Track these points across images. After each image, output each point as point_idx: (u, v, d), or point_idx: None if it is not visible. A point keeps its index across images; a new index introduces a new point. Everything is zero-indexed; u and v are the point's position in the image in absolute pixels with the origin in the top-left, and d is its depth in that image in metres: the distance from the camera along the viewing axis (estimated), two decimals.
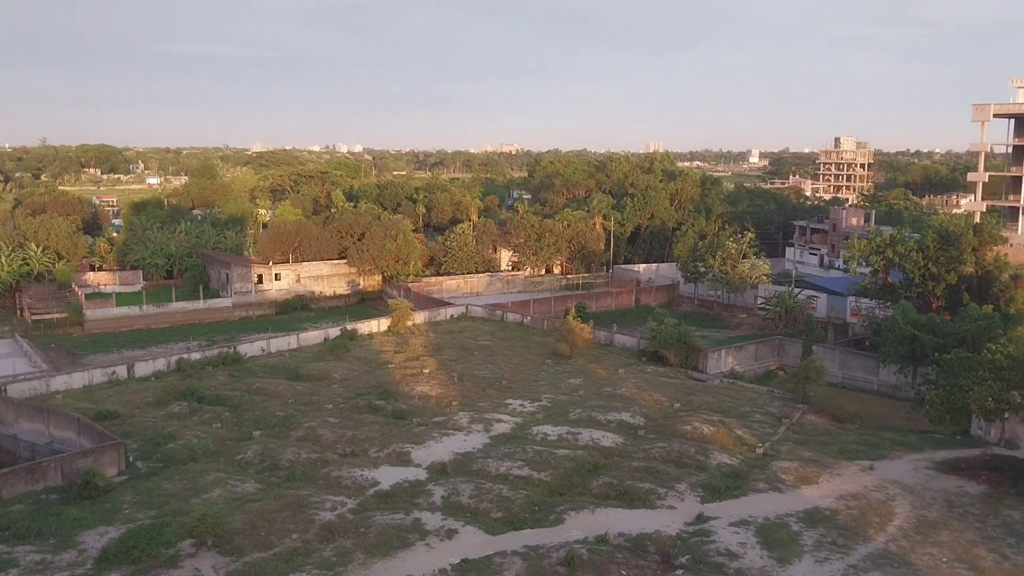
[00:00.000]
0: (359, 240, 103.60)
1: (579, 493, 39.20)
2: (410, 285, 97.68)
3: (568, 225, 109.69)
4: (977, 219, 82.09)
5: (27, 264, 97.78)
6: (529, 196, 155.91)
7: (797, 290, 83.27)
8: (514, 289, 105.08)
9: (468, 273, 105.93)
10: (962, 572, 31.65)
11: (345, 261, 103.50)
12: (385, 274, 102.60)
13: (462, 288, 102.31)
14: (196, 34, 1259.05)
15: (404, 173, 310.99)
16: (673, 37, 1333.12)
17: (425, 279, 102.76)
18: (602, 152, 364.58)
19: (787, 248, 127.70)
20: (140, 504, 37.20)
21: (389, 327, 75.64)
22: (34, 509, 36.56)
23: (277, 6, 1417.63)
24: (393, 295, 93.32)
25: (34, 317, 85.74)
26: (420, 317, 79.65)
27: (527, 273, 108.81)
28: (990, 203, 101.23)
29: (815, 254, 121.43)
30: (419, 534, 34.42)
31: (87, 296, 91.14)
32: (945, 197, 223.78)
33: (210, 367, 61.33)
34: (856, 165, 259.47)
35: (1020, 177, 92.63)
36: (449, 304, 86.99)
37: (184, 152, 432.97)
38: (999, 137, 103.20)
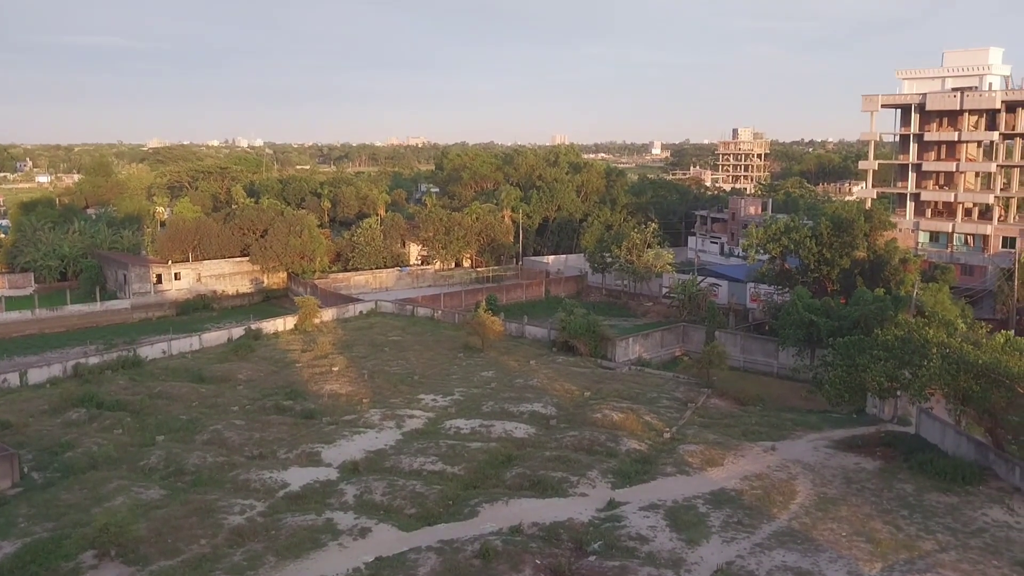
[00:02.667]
0: (262, 237, 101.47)
1: (493, 485, 39.34)
2: (316, 282, 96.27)
3: (477, 218, 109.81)
4: (868, 206, 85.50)
5: None
6: (437, 190, 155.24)
7: (700, 278, 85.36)
8: (424, 284, 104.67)
9: (376, 268, 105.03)
10: (860, 544, 33.01)
11: (248, 259, 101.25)
12: (290, 271, 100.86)
13: (371, 284, 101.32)
14: (84, 26, 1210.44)
15: (308, 167, 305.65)
16: (578, 30, 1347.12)
17: (332, 275, 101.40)
18: (509, 145, 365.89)
19: (689, 237, 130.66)
20: (37, 516, 35.64)
21: (296, 325, 74.37)
22: None
23: None
24: (299, 292, 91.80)
25: None
26: (328, 314, 78.54)
27: (437, 267, 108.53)
28: (880, 190, 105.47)
29: (716, 242, 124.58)
30: (332, 534, 33.98)
31: None
32: (838, 185, 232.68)
33: (109, 371, 59.20)
34: (753, 155, 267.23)
35: (907, 165, 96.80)
36: (358, 300, 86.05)
37: (76, 149, 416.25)
38: (887, 127, 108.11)
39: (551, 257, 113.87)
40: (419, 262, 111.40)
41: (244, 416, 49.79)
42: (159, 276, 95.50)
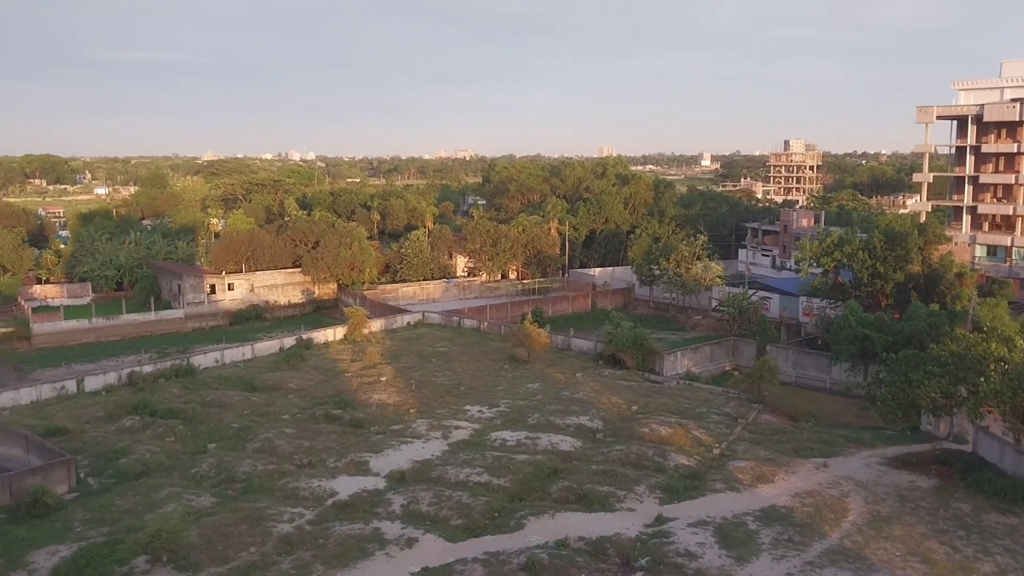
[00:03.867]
0: (313, 248, 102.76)
1: (539, 498, 39.22)
2: (366, 293, 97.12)
3: (523, 230, 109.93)
4: (923, 219, 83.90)
5: None
6: (484, 202, 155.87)
7: (751, 291, 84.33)
8: (470, 295, 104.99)
9: (424, 280, 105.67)
10: (915, 565, 32.26)
11: (299, 270, 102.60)
12: (340, 282, 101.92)
13: (418, 295, 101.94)
14: (143, 42, 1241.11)
15: (358, 180, 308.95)
16: (625, 43, 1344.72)
17: (381, 286, 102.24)
18: (556, 157, 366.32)
19: (740, 250, 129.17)
20: (92, 521, 36.40)
21: (345, 335, 75.07)
22: None
23: (225, 13, 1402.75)
24: (349, 303, 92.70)
25: None
26: (376, 325, 79.18)
27: (483, 279, 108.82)
28: (935, 203, 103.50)
29: (767, 255, 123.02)
30: (379, 543, 34.16)
31: (34, 310, 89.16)
32: (892, 198, 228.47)
33: (163, 380, 60.30)
34: (805, 167, 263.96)
35: (963, 177, 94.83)
36: (405, 311, 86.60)
37: (133, 161, 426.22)
38: (943, 138, 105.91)
39: (598, 269, 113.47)
40: (466, 274, 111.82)
41: (294, 424, 50.36)
42: (213, 286, 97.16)
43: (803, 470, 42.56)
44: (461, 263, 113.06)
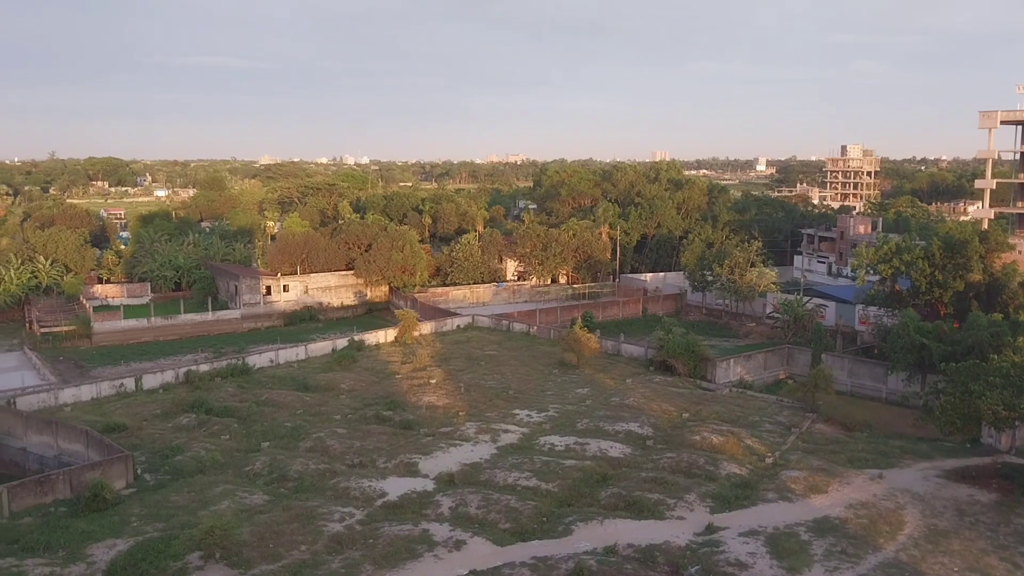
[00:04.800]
0: (366, 251, 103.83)
1: (587, 504, 39.09)
2: (416, 295, 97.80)
3: (574, 234, 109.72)
4: (984, 226, 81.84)
5: (36, 277, 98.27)
6: (535, 206, 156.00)
7: (806, 298, 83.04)
8: (520, 299, 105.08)
9: (474, 283, 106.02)
10: None
11: (352, 272, 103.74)
12: (392, 285, 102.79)
13: (468, 298, 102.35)
14: (203, 47, 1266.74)
15: (410, 184, 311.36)
16: (680, 47, 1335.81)
17: (431, 289, 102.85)
18: (608, 161, 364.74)
19: (795, 256, 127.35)
20: (148, 517, 37.23)
21: (396, 337, 75.68)
22: (43, 522, 36.60)
23: (282, 18, 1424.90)
24: (400, 305, 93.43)
25: (43, 330, 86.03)
26: (427, 327, 79.67)
27: (533, 283, 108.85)
28: (998, 210, 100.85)
29: (823, 262, 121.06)
30: (427, 545, 34.36)
31: (95, 308, 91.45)
32: (952, 204, 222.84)
33: (218, 379, 61.41)
34: (863, 173, 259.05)
35: None
36: (455, 314, 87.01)
37: (192, 164, 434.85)
38: (1007, 144, 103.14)
39: (649, 275, 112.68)
40: (516, 278, 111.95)
41: (346, 425, 50.91)
42: (268, 288, 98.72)
43: (857, 481, 41.78)
44: (511, 267, 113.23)
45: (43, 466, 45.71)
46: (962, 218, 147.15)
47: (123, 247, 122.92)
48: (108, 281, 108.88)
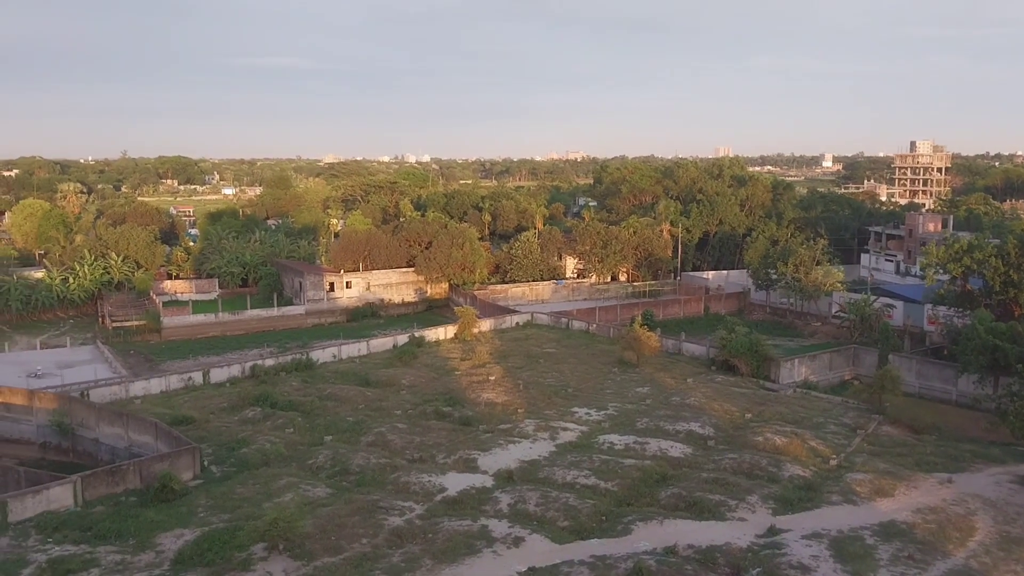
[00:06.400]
0: (427, 249, 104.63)
1: (647, 504, 38.83)
2: (476, 293, 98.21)
3: (634, 232, 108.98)
4: None
5: (108, 273, 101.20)
6: (595, 203, 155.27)
7: (873, 298, 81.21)
8: (579, 297, 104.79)
9: (533, 281, 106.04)
10: None
11: (413, 269, 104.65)
12: (452, 282, 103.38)
13: (527, 296, 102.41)
14: (270, 48, 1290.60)
15: (470, 182, 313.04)
16: (747, 41, 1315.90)
17: (491, 287, 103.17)
18: (669, 158, 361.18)
19: (862, 255, 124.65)
20: (214, 508, 38.06)
21: (456, 334, 76.11)
22: (114, 511, 37.68)
23: (347, 20, 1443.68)
24: (459, 303, 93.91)
25: (114, 324, 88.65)
26: (486, 324, 79.97)
27: (593, 281, 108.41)
28: None
29: (891, 261, 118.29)
30: (486, 541, 34.50)
31: (164, 304, 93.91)
32: None
33: (283, 373, 62.50)
34: (933, 169, 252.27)
35: None
36: (514, 312, 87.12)
37: (258, 163, 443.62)
38: None
39: (711, 273, 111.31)
40: (575, 275, 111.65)
41: (406, 420, 51.40)
42: (332, 284, 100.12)
43: (926, 485, 40.74)
44: (571, 264, 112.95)
45: (114, 457, 47.09)
46: None
47: (192, 244, 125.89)
48: (177, 277, 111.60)
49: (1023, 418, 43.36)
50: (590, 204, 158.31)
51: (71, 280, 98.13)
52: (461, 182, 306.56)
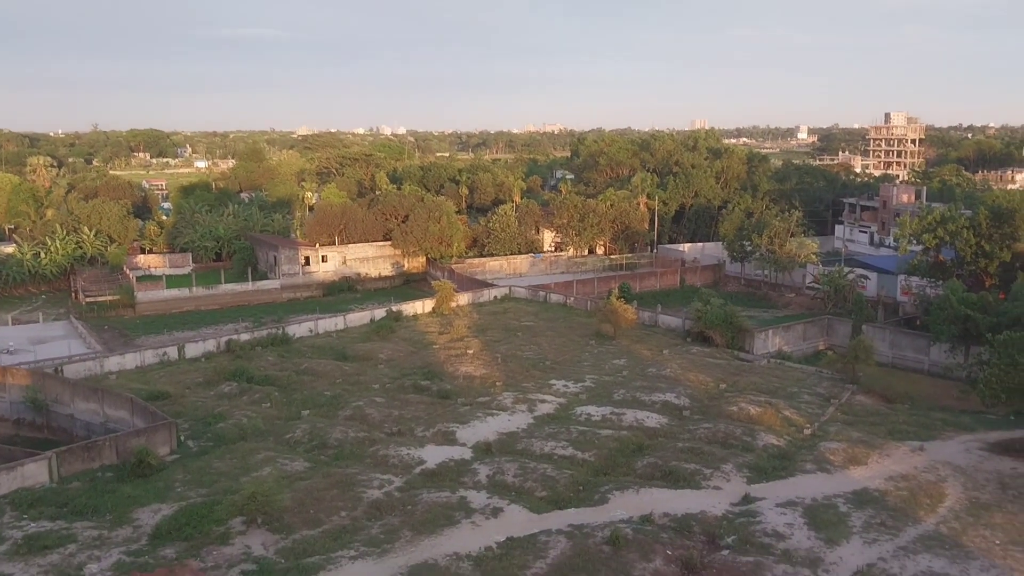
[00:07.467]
0: (403, 222, 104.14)
1: (623, 473, 39.18)
2: (453, 267, 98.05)
3: (611, 205, 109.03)
4: None
5: (80, 247, 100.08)
6: (572, 176, 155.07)
7: (847, 269, 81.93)
8: (557, 270, 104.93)
9: (511, 254, 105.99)
10: (1016, 555, 31.08)
11: (390, 243, 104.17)
12: (429, 256, 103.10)
13: (505, 269, 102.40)
14: (242, 18, 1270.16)
15: (447, 155, 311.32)
16: (724, 12, 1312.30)
17: (468, 260, 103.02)
18: (646, 130, 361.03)
19: (836, 226, 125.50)
20: (192, 482, 37.98)
21: (433, 308, 76.04)
22: (90, 486, 37.53)
23: None
24: (437, 277, 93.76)
25: (88, 299, 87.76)
26: (464, 298, 79.94)
27: (570, 254, 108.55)
28: None
29: (865, 232, 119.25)
30: (465, 512, 34.71)
31: (138, 279, 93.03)
32: (1000, 173, 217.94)
33: (259, 348, 62.24)
34: (907, 141, 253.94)
35: None
36: (492, 285, 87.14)
37: (231, 136, 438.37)
38: None
39: (687, 245, 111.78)
40: (553, 249, 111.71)
41: (384, 394, 51.41)
42: (307, 258, 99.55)
43: (898, 453, 41.38)
44: (548, 238, 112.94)
45: (90, 432, 46.77)
46: (1010, 187, 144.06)
47: (165, 218, 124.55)
48: (150, 252, 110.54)
49: (992, 386, 44.00)
50: (567, 177, 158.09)
51: (42, 255, 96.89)
52: (437, 155, 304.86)
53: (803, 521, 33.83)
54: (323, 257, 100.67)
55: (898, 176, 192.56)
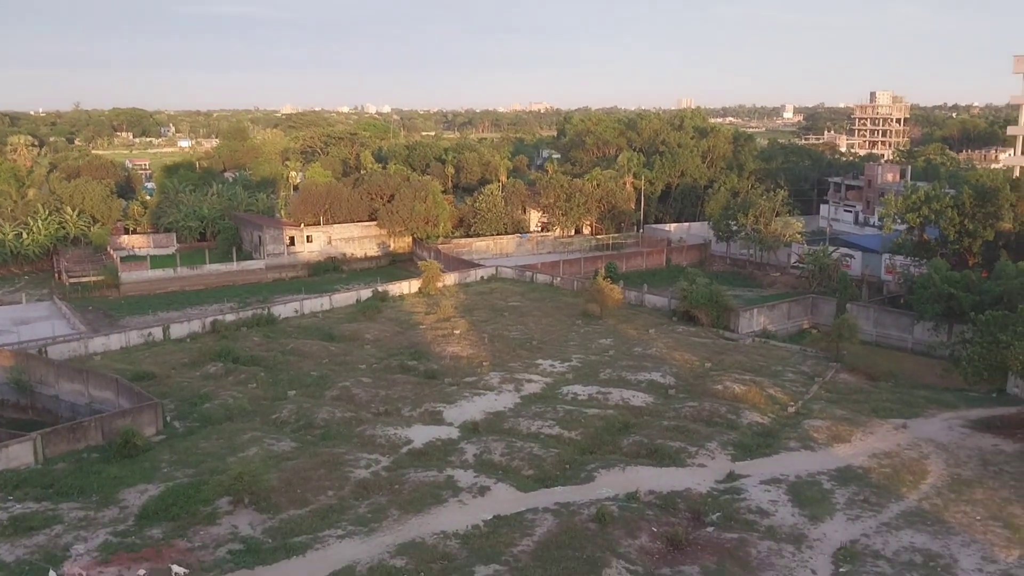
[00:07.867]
0: (389, 202, 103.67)
1: (609, 452, 39.41)
2: (440, 247, 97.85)
3: (598, 185, 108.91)
4: (1016, 174, 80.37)
5: (63, 228, 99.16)
6: (559, 156, 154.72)
7: (832, 248, 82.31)
8: (544, 250, 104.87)
9: (497, 234, 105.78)
10: (996, 530, 31.49)
11: (375, 223, 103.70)
12: (415, 236, 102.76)
13: (491, 249, 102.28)
14: None
15: (433, 134, 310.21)
16: None
17: (455, 240, 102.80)
18: (633, 109, 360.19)
19: (821, 205, 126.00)
20: (178, 463, 37.95)
21: (420, 288, 75.96)
22: (76, 467, 37.43)
23: None
24: (423, 257, 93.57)
25: (71, 280, 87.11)
26: (450, 278, 79.85)
27: (557, 234, 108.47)
28: None
29: (850, 211, 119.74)
30: (452, 491, 34.84)
31: (122, 259, 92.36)
32: (984, 152, 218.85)
33: (244, 328, 62.05)
34: (892, 120, 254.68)
35: None
36: (479, 265, 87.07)
37: (215, 115, 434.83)
38: None
39: (673, 225, 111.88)
40: (539, 228, 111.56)
41: (371, 374, 51.40)
42: (292, 238, 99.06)
43: (881, 430, 41.77)
44: (535, 218, 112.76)
45: (75, 413, 46.62)
46: (993, 166, 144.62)
47: (148, 198, 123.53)
48: (134, 232, 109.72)
49: (975, 364, 44.40)
50: (554, 156, 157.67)
51: (24, 235, 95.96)
52: (423, 134, 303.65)
53: (787, 498, 34.15)
54: (308, 237, 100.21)
55: (883, 155, 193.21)
